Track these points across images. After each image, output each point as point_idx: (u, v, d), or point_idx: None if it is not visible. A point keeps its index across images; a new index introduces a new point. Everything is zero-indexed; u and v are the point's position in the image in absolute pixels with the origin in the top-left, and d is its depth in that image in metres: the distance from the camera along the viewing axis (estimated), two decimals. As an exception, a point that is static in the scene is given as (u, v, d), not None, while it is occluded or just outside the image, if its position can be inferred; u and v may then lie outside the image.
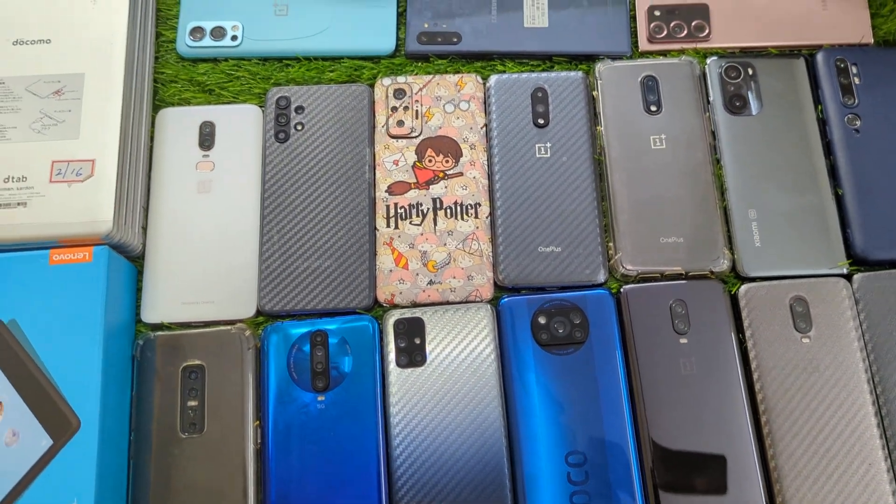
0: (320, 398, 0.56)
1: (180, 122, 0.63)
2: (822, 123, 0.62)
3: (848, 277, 0.58)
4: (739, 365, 0.56)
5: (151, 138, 0.63)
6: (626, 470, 0.53)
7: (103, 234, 0.56)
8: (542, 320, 0.57)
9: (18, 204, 0.56)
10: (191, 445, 0.54)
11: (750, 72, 0.63)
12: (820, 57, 0.64)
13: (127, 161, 0.59)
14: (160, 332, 0.57)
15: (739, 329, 0.57)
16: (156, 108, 0.64)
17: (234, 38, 0.65)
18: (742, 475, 0.53)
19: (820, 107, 0.62)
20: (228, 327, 0.57)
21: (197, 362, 0.56)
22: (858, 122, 0.61)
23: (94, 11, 0.61)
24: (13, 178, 0.57)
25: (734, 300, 0.58)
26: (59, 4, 0.61)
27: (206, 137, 0.62)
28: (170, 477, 0.53)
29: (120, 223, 0.57)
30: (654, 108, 0.62)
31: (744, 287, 0.58)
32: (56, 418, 0.51)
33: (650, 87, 0.63)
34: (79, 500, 0.49)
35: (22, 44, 0.60)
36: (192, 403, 0.55)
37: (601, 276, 0.59)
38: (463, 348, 0.56)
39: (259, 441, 0.55)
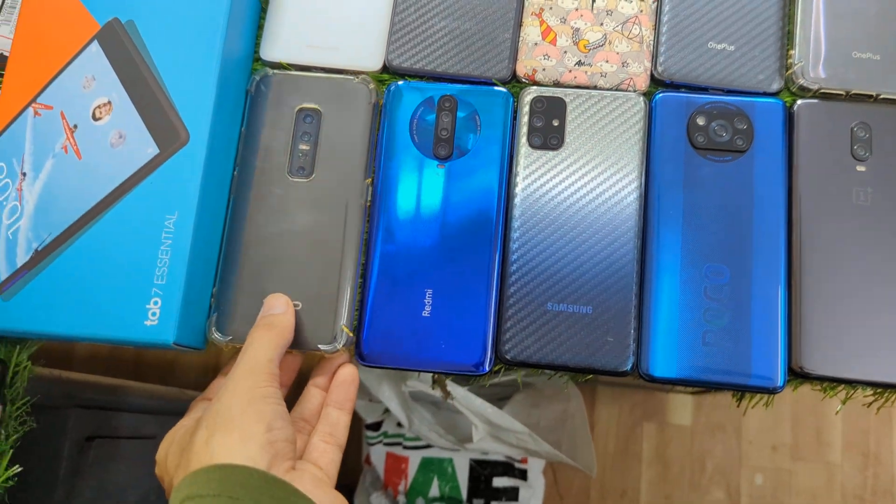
0: (440, 166, 0.51)
1: None
2: None
3: None
4: (924, 203, 0.48)
5: None
6: (771, 292, 0.47)
7: (234, -51, 0.51)
8: (700, 121, 0.50)
9: None
10: (296, 189, 0.50)
11: None
12: None
13: None
14: (278, 71, 0.53)
15: (930, 166, 0.49)
16: None
17: None
18: (905, 321, 0.46)
19: None
20: (351, 77, 0.52)
21: (313, 106, 0.51)
22: None
23: None
24: None
25: (929, 134, 0.50)
26: None
27: None
28: (270, 215, 0.50)
29: (252, -56, 0.52)
30: None
31: (945, 120, 0.49)
32: (165, 128, 0.47)
33: None
34: (180, 213, 0.46)
35: None
36: (304, 147, 0.51)
37: (775, 85, 0.51)
38: (606, 138, 0.50)
39: (369, 199, 0.50)
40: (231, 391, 0.40)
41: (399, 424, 1.01)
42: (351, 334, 0.48)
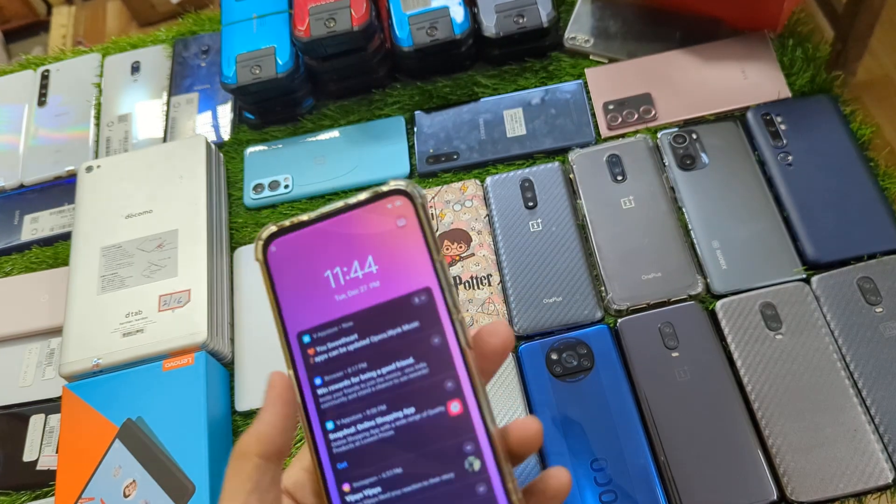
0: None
1: (253, 258, 0.80)
2: (761, 164, 0.75)
3: (805, 281, 0.68)
4: (726, 365, 0.65)
5: (231, 271, 0.81)
6: (643, 468, 0.62)
7: (200, 343, 0.71)
8: (554, 357, 0.69)
9: (137, 331, 0.73)
10: None
11: (694, 136, 0.78)
12: (750, 114, 0.78)
13: (214, 289, 0.76)
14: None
15: (721, 337, 0.67)
16: (233, 248, 0.82)
17: (286, 187, 0.84)
18: (745, 455, 0.61)
19: (756, 152, 0.76)
20: (303, 403, 0.71)
21: (281, 434, 0.69)
22: (790, 158, 0.74)
23: (181, 185, 0.81)
24: (132, 312, 0.74)
25: (713, 316, 0.68)
26: (157, 185, 0.82)
27: (272, 263, 0.79)
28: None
29: (213, 335, 0.73)
30: (620, 178, 0.77)
31: (719, 302, 0.68)
32: (177, 487, 0.64)
33: (614, 163, 0.78)
34: (199, 548, 0.62)
35: (132, 216, 0.80)
36: (281, 467, 0.68)
37: (598, 315, 0.70)
38: (492, 389, 0.68)
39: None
40: None
41: None
42: None
